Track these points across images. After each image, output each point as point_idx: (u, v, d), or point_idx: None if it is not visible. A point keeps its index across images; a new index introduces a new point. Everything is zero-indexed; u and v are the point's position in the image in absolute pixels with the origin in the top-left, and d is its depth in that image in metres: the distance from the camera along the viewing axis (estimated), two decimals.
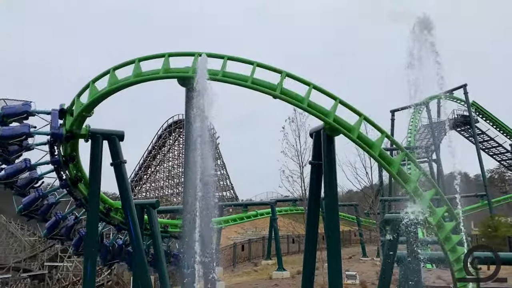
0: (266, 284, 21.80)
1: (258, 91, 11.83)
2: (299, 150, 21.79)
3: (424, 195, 11.69)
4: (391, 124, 48.93)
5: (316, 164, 12.97)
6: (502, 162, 58.25)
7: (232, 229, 45.32)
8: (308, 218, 13.85)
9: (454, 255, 11.97)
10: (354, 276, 20.45)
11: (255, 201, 49.81)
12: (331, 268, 11.69)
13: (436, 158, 45.06)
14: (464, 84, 47.87)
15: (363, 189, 26.15)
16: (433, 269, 21.95)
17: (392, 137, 13.79)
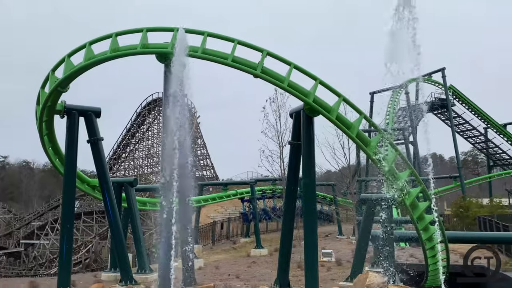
0: (244, 261, 22.10)
1: (238, 69, 11.71)
2: (279, 130, 21.87)
3: (399, 176, 11.94)
4: (370, 106, 49.47)
5: (295, 144, 13.05)
6: (476, 145, 59.80)
7: (212, 208, 45.55)
8: (287, 197, 14.03)
9: (427, 234, 12.35)
10: (330, 254, 20.91)
11: (235, 181, 50.01)
12: (307, 246, 11.92)
13: (413, 140, 45.96)
14: (442, 67, 48.55)
15: (341, 169, 26.54)
16: (406, 247, 22.67)
17: (370, 119, 13.95)
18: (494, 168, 59.26)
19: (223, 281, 15.06)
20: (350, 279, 14.27)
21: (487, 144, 56.95)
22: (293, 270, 16.10)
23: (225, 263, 21.66)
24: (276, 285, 13.34)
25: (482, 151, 61.05)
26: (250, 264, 20.82)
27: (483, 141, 57.20)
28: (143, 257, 16.88)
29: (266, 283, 13.88)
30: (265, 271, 18.07)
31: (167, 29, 12.17)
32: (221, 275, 17.17)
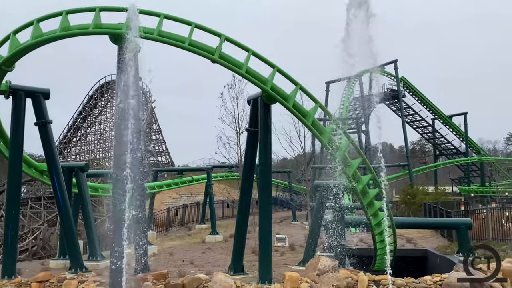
0: (199, 247, 22.10)
1: (196, 53, 11.53)
2: (237, 117, 21.88)
3: (352, 163, 12.32)
4: (325, 95, 50.45)
5: (253, 131, 13.12)
6: (424, 135, 62.73)
7: (166, 194, 45.02)
8: (243, 184, 14.11)
9: (376, 220, 12.86)
10: (284, 239, 21.33)
11: (191, 167, 49.61)
12: (262, 232, 12.09)
13: (365, 129, 47.47)
14: (395, 59, 50.25)
15: (297, 157, 27.04)
16: (357, 232, 23.53)
17: (325, 108, 14.24)
18: (440, 158, 62.52)
19: (177, 267, 14.99)
20: (303, 263, 14.65)
21: (434, 134, 59.90)
22: (247, 256, 16.30)
23: (179, 249, 21.55)
24: (230, 270, 13.47)
25: (429, 141, 64.16)
26: (205, 250, 20.84)
27: (431, 132, 60.09)
28: (94, 244, 16.46)
29: (220, 269, 13.96)
30: (220, 257, 18.17)
31: (122, 9, 11.72)
32: (175, 262, 17.08)
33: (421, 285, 10.57)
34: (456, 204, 33.92)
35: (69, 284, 11.20)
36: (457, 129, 58.70)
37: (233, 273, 13.19)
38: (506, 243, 19.06)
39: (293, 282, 10.20)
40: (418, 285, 10.59)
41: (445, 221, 21.08)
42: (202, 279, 10.78)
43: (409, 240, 21.40)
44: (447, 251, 17.23)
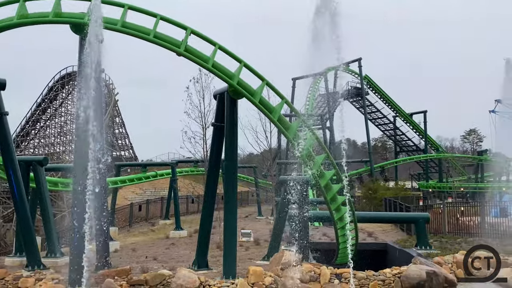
0: (162, 243, 21.83)
1: (161, 46, 11.33)
2: (203, 112, 21.69)
3: (316, 159, 12.52)
4: (292, 91, 50.89)
5: (219, 126, 13.05)
6: (385, 132, 64.56)
7: (129, 190, 44.17)
8: (208, 179, 14.04)
9: (338, 214, 13.15)
10: (249, 234, 21.42)
11: (155, 162, 48.85)
12: (227, 227, 12.09)
13: (330, 125, 48.32)
14: (359, 58, 51.33)
15: (263, 152, 27.17)
16: (320, 227, 23.98)
17: (291, 104, 14.37)
18: (400, 154, 64.60)
19: (140, 263, 14.75)
20: (267, 258, 14.76)
21: (395, 131, 61.76)
22: (212, 251, 16.26)
23: (142, 245, 21.23)
24: (194, 266, 13.39)
25: (391, 137, 66.09)
26: (168, 246, 20.63)
27: (392, 129, 61.90)
28: (53, 240, 15.92)
29: (184, 264, 13.86)
30: (184, 253, 18.03)
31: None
32: (138, 258, 16.81)
33: (381, 278, 10.91)
34: (415, 199, 35.18)
35: (25, 282, 10.80)
36: (417, 127, 60.79)
37: (197, 268, 13.12)
38: (461, 237, 19.96)
39: (257, 277, 10.28)
40: (378, 277, 10.92)
41: (404, 216, 21.82)
42: (166, 274, 10.68)
43: (370, 234, 22.00)
44: (406, 245, 17.84)
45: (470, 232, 20.44)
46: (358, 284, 10.70)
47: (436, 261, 12.45)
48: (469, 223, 21.05)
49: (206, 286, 10.36)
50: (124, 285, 10.40)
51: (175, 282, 10.28)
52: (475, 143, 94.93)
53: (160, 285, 10.53)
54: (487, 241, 17.16)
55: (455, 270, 12.35)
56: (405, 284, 10.70)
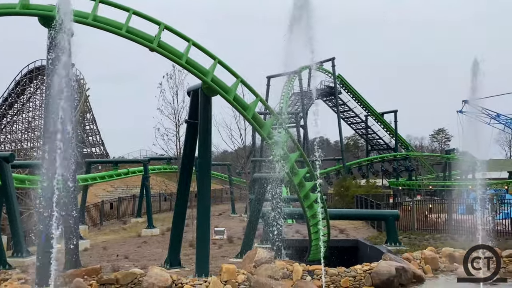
0: (134, 241, 21.51)
1: (133, 41, 11.13)
2: (176, 108, 21.46)
3: (290, 157, 12.59)
4: (266, 90, 51.04)
5: (192, 123, 12.94)
6: (357, 131, 65.71)
7: (100, 187, 43.32)
8: (181, 177, 13.91)
9: (311, 211, 13.29)
10: (222, 232, 21.36)
11: (127, 159, 48.07)
12: (200, 225, 12.01)
13: (304, 123, 48.76)
14: (332, 57, 51.97)
15: (237, 149, 27.15)
16: (293, 224, 24.17)
17: (265, 102, 14.39)
18: (372, 152, 65.85)
19: (111, 262, 14.48)
20: (240, 255, 14.77)
21: (367, 130, 62.94)
22: (184, 249, 16.14)
23: (113, 243, 20.85)
24: (166, 264, 13.26)
25: (362, 136, 67.30)
26: (140, 244, 20.34)
27: (364, 128, 63.05)
28: (19, 239, 15.42)
29: (156, 263, 13.70)
30: (156, 251, 17.83)
31: None
32: (109, 256, 16.51)
33: (352, 274, 11.09)
34: (385, 197, 35.93)
35: None
36: (388, 126, 62.12)
37: (170, 267, 13.00)
38: (429, 233, 20.51)
39: (230, 274, 10.26)
40: (349, 273, 11.10)
41: (375, 213, 22.26)
42: (137, 273, 10.52)
43: (342, 231, 22.33)
44: (377, 241, 18.20)
45: (438, 228, 21.02)
46: (330, 280, 10.84)
47: (405, 257, 12.75)
48: (437, 220, 21.66)
49: (178, 284, 10.26)
50: (94, 285, 10.19)
51: (147, 281, 10.14)
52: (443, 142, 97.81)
53: (132, 284, 10.36)
54: (454, 238, 17.73)
55: (423, 266, 12.70)
56: (375, 280, 10.91)
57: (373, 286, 10.85)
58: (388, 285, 10.80)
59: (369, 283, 10.93)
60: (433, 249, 13.97)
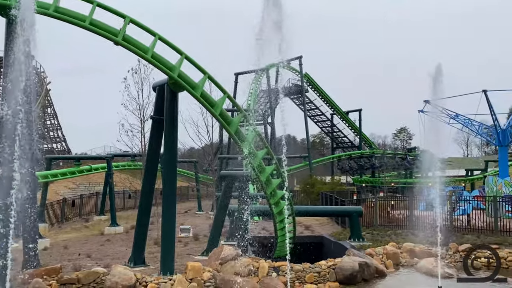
0: (97, 240, 20.98)
1: (97, 34, 10.79)
2: (141, 104, 21.06)
3: (257, 154, 12.62)
4: (234, 86, 50.93)
5: (158, 119, 12.72)
6: (323, 129, 66.75)
7: (62, 184, 41.98)
8: (146, 174, 13.67)
9: (278, 208, 13.38)
10: (188, 229, 21.18)
11: (90, 155, 46.73)
12: (165, 222, 11.85)
13: (271, 121, 48.98)
14: (299, 56, 52.43)
15: (204, 146, 26.95)
16: (260, 221, 24.29)
17: (233, 99, 14.34)
18: (337, 150, 67.07)
19: (72, 261, 14.06)
20: (206, 253, 14.69)
21: (332, 128, 64.03)
22: (149, 247, 15.89)
23: (75, 242, 20.26)
24: (130, 262, 13.01)
25: (328, 134, 68.41)
26: (103, 242, 19.87)
27: (329, 126, 64.11)
28: None
29: (120, 261, 13.41)
30: (120, 249, 17.46)
31: None
32: (70, 255, 16.03)
33: (317, 270, 11.25)
34: (349, 193, 36.72)
35: None
36: (352, 124, 63.45)
37: (134, 265, 12.76)
38: (391, 229, 21.14)
39: (195, 272, 10.17)
40: (314, 269, 11.25)
41: (339, 209, 22.71)
42: (100, 272, 10.24)
43: (307, 227, 22.65)
44: (341, 237, 18.58)
45: (399, 224, 21.70)
46: (295, 276, 10.95)
47: (368, 253, 13.07)
48: (399, 216, 22.35)
49: (142, 283, 10.08)
50: (54, 285, 9.85)
51: (110, 280, 9.90)
52: (405, 141, 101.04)
53: (94, 283, 10.08)
54: (415, 233, 18.35)
55: (385, 261, 13.06)
56: (339, 275, 11.11)
57: (337, 281, 11.05)
58: (352, 280, 11.03)
59: (333, 279, 11.12)
60: (395, 244, 14.38)
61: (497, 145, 32.02)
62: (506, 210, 21.64)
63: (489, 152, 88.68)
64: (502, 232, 19.07)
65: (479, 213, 21.48)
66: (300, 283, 10.91)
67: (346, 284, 10.96)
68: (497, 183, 29.26)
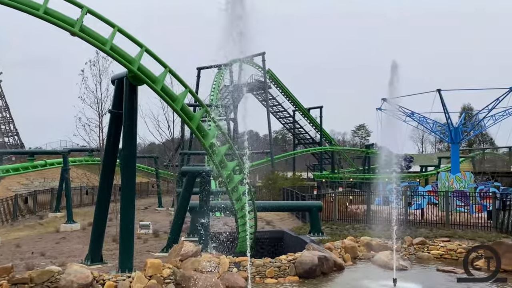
0: (52, 237, 20.19)
1: (52, 24, 10.33)
2: (99, 97, 20.39)
3: (219, 150, 12.57)
4: (196, 81, 50.45)
5: (116, 113, 12.39)
6: (285, 125, 67.40)
7: (14, 180, 40.16)
8: (104, 169, 13.30)
9: (239, 204, 13.41)
10: (148, 226, 20.82)
11: (45, 150, 44.93)
12: (123, 219, 11.59)
13: (234, 117, 48.94)
14: (263, 52, 52.61)
15: (165, 142, 26.51)
16: (221, 217, 24.24)
17: (195, 93, 14.16)
18: (298, 146, 68.00)
19: (25, 260, 13.49)
20: (166, 249, 14.51)
21: (294, 124, 64.81)
22: (107, 244, 15.50)
23: (28, 240, 19.43)
24: (87, 260, 12.65)
25: (290, 130, 69.18)
26: (59, 240, 19.18)
27: (291, 122, 64.84)
28: None
29: (76, 259, 13.00)
30: (77, 247, 16.92)
31: None
32: (23, 254, 15.36)
33: (277, 264, 11.39)
34: (310, 189, 37.35)
35: None
36: (314, 121, 64.50)
37: (91, 263, 12.41)
38: (349, 223, 21.69)
39: (155, 269, 10.03)
40: (274, 264, 11.38)
41: (300, 204, 23.05)
42: (54, 271, 9.89)
43: (268, 222, 22.83)
44: (301, 232, 18.87)
45: (357, 219, 22.29)
46: (256, 271, 11.03)
47: (327, 247, 13.36)
48: (357, 211, 22.96)
49: (100, 281, 9.83)
50: (5, 285, 9.41)
51: (65, 279, 9.59)
52: (363, 138, 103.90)
53: (48, 282, 9.72)
54: (372, 227, 18.92)
55: (343, 254, 13.40)
56: (299, 269, 11.30)
57: (297, 275, 11.23)
58: (311, 274, 11.24)
59: (293, 273, 11.29)
60: (353, 238, 14.78)
61: (450, 142, 33.55)
62: (457, 205, 22.74)
63: (442, 149, 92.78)
64: (453, 226, 20.01)
65: (432, 208, 22.46)
66: (261, 278, 11.01)
67: (306, 278, 11.16)
68: (449, 178, 30.68)
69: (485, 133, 78.04)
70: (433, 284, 10.75)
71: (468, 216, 21.12)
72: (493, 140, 76.10)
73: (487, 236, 17.08)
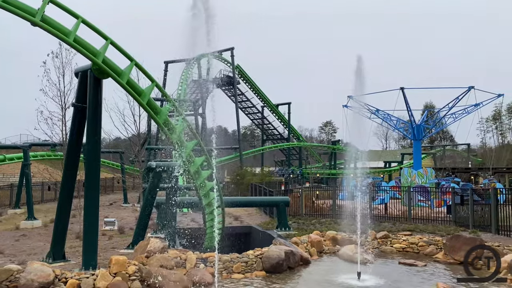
0: (11, 235, 19.45)
1: (12, 13, 9.88)
2: (62, 90, 19.73)
3: (186, 145, 12.44)
4: (163, 75, 49.71)
5: (80, 107, 12.03)
6: (254, 121, 67.56)
7: None
8: (66, 164, 12.91)
9: (207, 200, 13.34)
10: (113, 222, 20.42)
11: (3, 144, 43.18)
12: (87, 215, 11.31)
13: (202, 112, 48.59)
14: (231, 47, 52.42)
15: (131, 137, 26.03)
16: (188, 212, 24.09)
17: (162, 88, 13.94)
18: (267, 142, 68.35)
19: None
20: (132, 246, 14.28)
21: (263, 120, 65.05)
22: (70, 241, 15.10)
23: None
24: (49, 258, 12.27)
25: (259, 126, 69.41)
26: (18, 237, 18.51)
27: (260, 118, 65.05)
28: None
29: (37, 257, 12.59)
30: (38, 245, 16.38)
31: None
32: None
33: (244, 259, 11.42)
34: (278, 184, 37.68)
35: None
36: (282, 117, 64.96)
37: (52, 261, 12.05)
38: (316, 218, 22.06)
39: (120, 266, 9.84)
40: (241, 259, 11.41)
41: (267, 200, 23.21)
42: (13, 270, 9.52)
43: (236, 218, 22.88)
44: (268, 227, 19.02)
45: (323, 213, 22.70)
46: (223, 266, 11.03)
47: (293, 241, 13.52)
48: (323, 206, 23.37)
49: (62, 279, 9.54)
50: None
51: (25, 277, 9.25)
52: (330, 134, 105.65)
53: (7, 281, 9.34)
54: (337, 222, 19.30)
55: (309, 249, 13.60)
56: (266, 264, 11.38)
57: (263, 270, 11.31)
58: (277, 268, 11.34)
59: (260, 268, 11.36)
60: (319, 233, 15.02)
61: (412, 139, 34.64)
62: (418, 199, 23.55)
63: (405, 145, 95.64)
64: (414, 220, 20.72)
65: (396, 203, 23.15)
66: (228, 273, 11.01)
67: (272, 272, 11.25)
68: (411, 174, 31.70)
69: (446, 131, 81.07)
70: (395, 277, 11.09)
71: (429, 210, 21.91)
72: (453, 137, 79.22)
73: (446, 230, 17.79)
